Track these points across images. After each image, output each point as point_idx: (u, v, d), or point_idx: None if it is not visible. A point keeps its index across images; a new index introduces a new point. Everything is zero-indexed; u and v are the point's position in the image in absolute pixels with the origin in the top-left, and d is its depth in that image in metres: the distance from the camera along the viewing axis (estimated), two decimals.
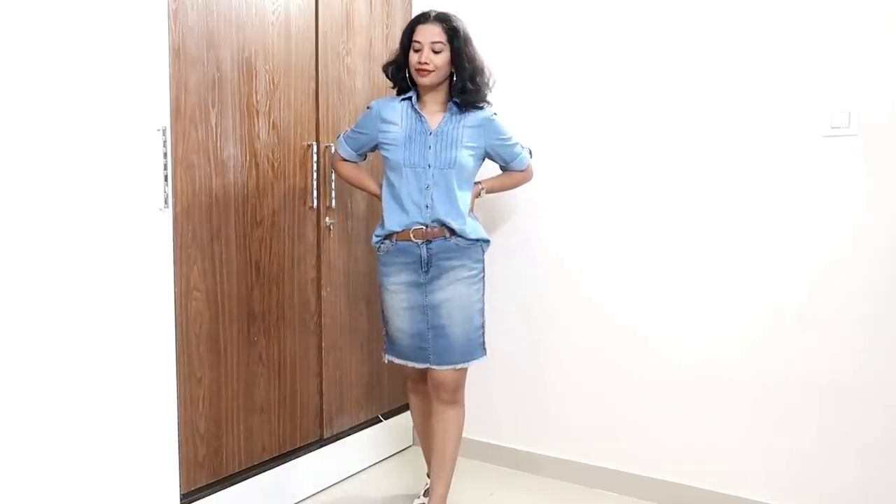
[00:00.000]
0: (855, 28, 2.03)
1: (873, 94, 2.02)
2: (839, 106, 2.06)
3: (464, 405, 2.19)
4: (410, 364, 2.16)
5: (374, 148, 2.18)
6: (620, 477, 2.46)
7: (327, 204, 2.40)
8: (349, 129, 2.24)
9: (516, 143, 2.21)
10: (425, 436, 2.32)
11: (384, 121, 2.13)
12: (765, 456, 2.22)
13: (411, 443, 2.89)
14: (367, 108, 2.20)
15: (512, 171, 2.26)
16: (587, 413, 2.53)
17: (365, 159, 2.28)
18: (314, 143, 2.34)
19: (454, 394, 2.14)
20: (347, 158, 2.24)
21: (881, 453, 2.05)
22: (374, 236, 2.18)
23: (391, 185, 2.12)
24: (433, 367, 2.10)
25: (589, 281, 2.50)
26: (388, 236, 2.13)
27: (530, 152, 2.26)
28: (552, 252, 2.56)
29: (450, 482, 2.18)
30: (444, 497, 2.18)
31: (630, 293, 2.42)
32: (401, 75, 2.14)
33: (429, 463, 2.31)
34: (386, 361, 2.24)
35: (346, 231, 2.50)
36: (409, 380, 2.29)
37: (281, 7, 2.19)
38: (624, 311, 2.44)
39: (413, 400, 2.33)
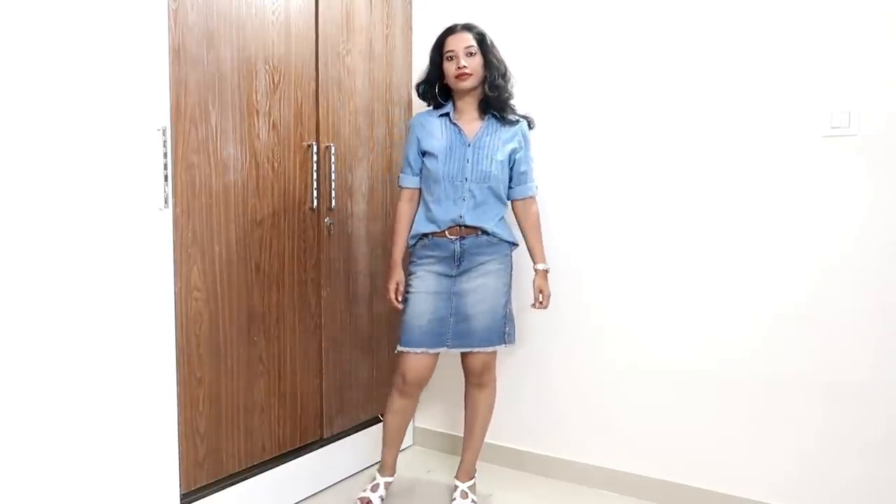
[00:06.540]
0: (855, 28, 2.03)
1: (873, 94, 2.02)
2: (839, 106, 2.06)
3: (494, 388, 2.34)
4: (421, 350, 2.18)
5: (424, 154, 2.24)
6: (620, 477, 2.46)
7: (327, 204, 2.40)
8: (403, 166, 2.30)
9: (531, 169, 2.28)
10: (397, 432, 2.35)
11: (425, 131, 2.22)
12: (766, 456, 2.22)
13: (411, 443, 2.89)
14: (408, 125, 2.30)
15: (516, 200, 2.29)
16: (587, 413, 2.53)
17: (421, 176, 2.28)
18: (314, 143, 2.34)
19: (481, 377, 2.28)
20: (413, 186, 2.28)
21: (883, 454, 2.05)
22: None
23: (429, 193, 2.21)
24: (451, 350, 2.20)
25: (590, 282, 2.50)
26: (424, 236, 2.22)
27: (536, 188, 2.32)
28: (555, 253, 2.55)
29: (477, 454, 2.37)
30: (473, 463, 2.37)
31: (631, 294, 2.42)
32: (434, 90, 2.24)
33: (388, 456, 2.37)
34: (396, 351, 2.25)
35: (346, 231, 2.50)
36: (402, 380, 2.23)
37: (281, 7, 2.19)
38: (624, 312, 2.44)
39: (396, 398, 2.28)
